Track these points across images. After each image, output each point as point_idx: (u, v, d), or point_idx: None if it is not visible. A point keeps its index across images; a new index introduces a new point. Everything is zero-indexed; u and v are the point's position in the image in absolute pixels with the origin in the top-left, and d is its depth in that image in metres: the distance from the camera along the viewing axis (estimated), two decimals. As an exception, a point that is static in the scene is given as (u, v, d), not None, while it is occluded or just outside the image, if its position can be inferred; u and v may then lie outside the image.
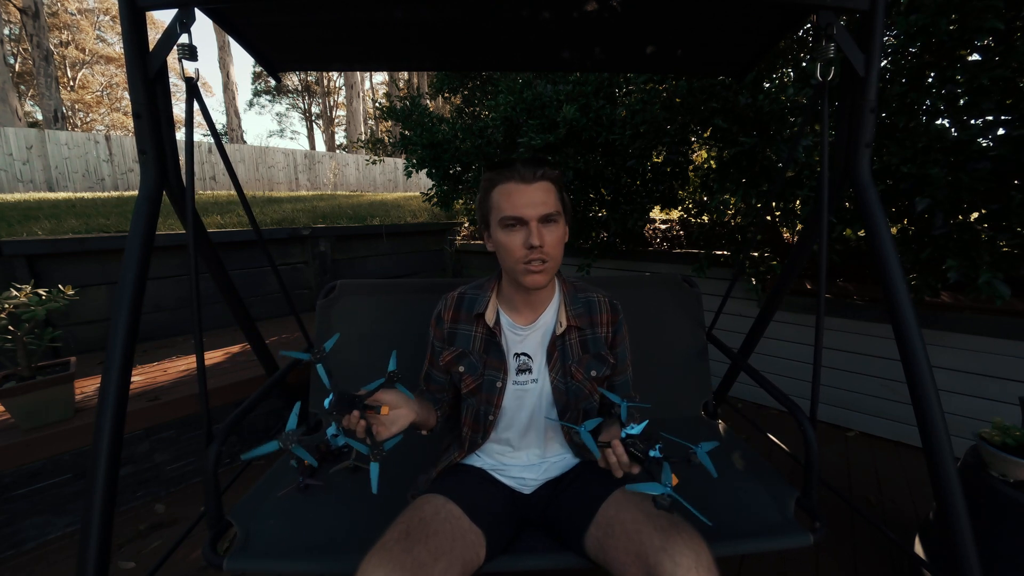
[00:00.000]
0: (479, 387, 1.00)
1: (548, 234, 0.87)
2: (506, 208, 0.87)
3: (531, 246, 0.86)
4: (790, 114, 1.98)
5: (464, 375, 1.01)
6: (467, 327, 1.03)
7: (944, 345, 1.97)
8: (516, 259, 0.89)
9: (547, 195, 0.88)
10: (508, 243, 0.88)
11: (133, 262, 0.93)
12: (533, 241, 0.85)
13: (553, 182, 0.90)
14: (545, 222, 0.87)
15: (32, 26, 9.12)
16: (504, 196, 0.88)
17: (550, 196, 0.88)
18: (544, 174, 0.88)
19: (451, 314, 1.05)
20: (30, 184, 7.96)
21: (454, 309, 1.05)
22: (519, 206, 0.86)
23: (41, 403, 1.59)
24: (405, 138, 3.30)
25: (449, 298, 1.07)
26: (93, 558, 0.81)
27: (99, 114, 21.84)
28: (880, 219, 0.97)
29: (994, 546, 1.11)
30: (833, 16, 0.95)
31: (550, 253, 0.88)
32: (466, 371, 1.01)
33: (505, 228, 0.88)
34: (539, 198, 0.86)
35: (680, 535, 0.73)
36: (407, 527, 0.78)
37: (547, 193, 0.88)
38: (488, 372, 1.00)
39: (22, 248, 2.22)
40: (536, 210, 0.86)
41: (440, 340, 1.05)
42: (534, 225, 0.86)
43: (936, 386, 0.91)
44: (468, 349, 1.02)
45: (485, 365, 1.00)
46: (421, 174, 3.49)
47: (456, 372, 1.02)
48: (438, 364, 1.05)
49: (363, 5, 1.06)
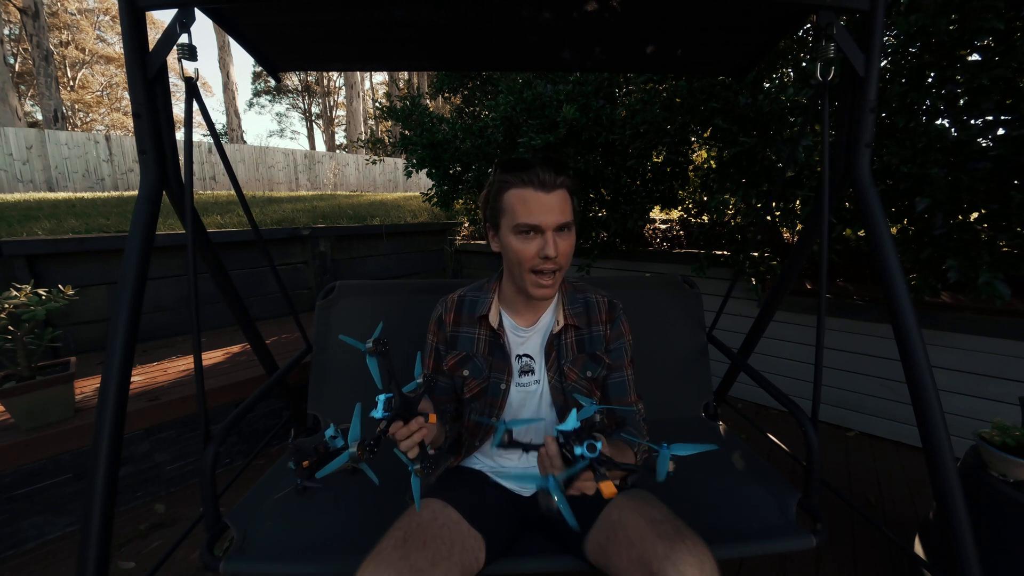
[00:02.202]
0: (483, 391, 0.99)
1: (563, 243, 0.86)
2: (522, 215, 0.84)
3: (546, 256, 0.85)
4: (790, 114, 1.97)
5: (468, 379, 0.99)
6: (469, 330, 1.01)
7: (944, 345, 1.97)
8: (527, 267, 0.88)
9: (564, 203, 0.86)
10: (522, 250, 0.86)
11: (133, 262, 0.93)
12: (549, 252, 0.84)
13: (569, 189, 0.87)
14: (560, 231, 0.86)
15: (32, 26, 9.12)
16: (520, 202, 0.84)
17: (567, 204, 0.86)
18: (563, 182, 0.86)
19: (452, 317, 1.03)
20: (30, 184, 7.96)
21: (455, 312, 1.03)
22: (537, 214, 0.83)
23: (41, 403, 1.59)
24: (405, 138, 3.30)
25: (449, 301, 1.05)
26: (93, 558, 0.81)
27: (99, 114, 21.84)
28: (880, 219, 0.97)
29: (994, 546, 1.11)
30: (833, 16, 0.95)
31: (562, 263, 0.88)
32: (471, 375, 0.99)
33: (519, 235, 0.86)
34: (557, 206, 0.84)
35: (684, 542, 0.72)
36: (404, 533, 0.77)
37: (564, 201, 0.86)
38: (493, 375, 0.99)
39: (22, 248, 2.22)
40: (554, 219, 0.84)
41: (444, 344, 1.03)
42: (550, 235, 0.84)
43: (936, 386, 0.91)
44: (472, 352, 1.00)
45: (491, 368, 0.99)
46: (421, 174, 3.49)
47: (459, 376, 1.01)
48: (443, 369, 1.03)
49: (363, 5, 1.06)
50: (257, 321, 1.48)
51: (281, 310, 3.16)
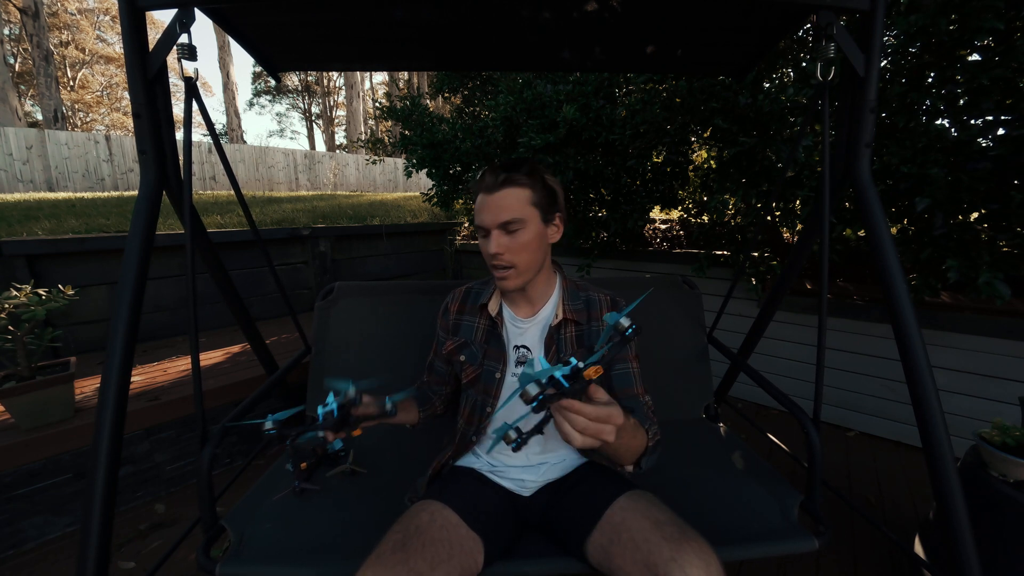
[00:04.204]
0: (478, 377, 1.03)
1: (510, 240, 0.90)
2: (476, 218, 0.93)
3: (490, 253, 0.91)
4: (790, 114, 1.97)
5: (465, 364, 1.05)
6: (471, 318, 1.08)
7: (944, 345, 1.97)
8: (488, 264, 0.95)
9: (511, 201, 0.90)
10: (482, 250, 0.95)
11: (133, 262, 0.92)
12: (490, 249, 0.91)
13: (522, 186, 0.90)
14: (505, 229, 0.90)
15: (32, 26, 9.12)
16: (476, 206, 0.94)
17: (515, 202, 0.90)
18: (507, 180, 0.90)
19: (457, 306, 1.11)
20: (30, 184, 7.96)
21: (460, 301, 1.12)
22: (481, 215, 0.92)
23: (41, 403, 1.59)
24: (405, 138, 3.30)
25: (457, 292, 1.14)
26: (93, 558, 0.81)
27: (99, 114, 21.84)
28: (880, 219, 0.97)
29: (994, 546, 1.11)
30: (833, 16, 0.95)
31: (510, 259, 0.91)
32: (467, 360, 1.05)
33: (479, 236, 0.95)
34: (497, 206, 0.90)
35: (690, 544, 0.71)
36: (403, 536, 0.77)
37: (511, 199, 0.90)
38: (487, 362, 1.03)
39: (22, 248, 2.22)
40: (492, 218, 0.90)
41: (445, 331, 1.11)
42: (493, 234, 0.91)
43: (936, 386, 0.90)
44: (470, 339, 1.06)
45: (485, 355, 1.03)
46: (421, 174, 3.48)
47: (458, 361, 1.07)
48: (441, 353, 1.12)
49: (363, 5, 1.06)
50: (257, 321, 1.48)
51: (281, 310, 3.16)
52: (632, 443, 0.78)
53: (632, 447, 0.79)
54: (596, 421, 0.59)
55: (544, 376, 0.58)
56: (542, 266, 0.99)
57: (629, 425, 0.74)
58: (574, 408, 0.59)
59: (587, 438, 0.60)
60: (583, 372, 0.58)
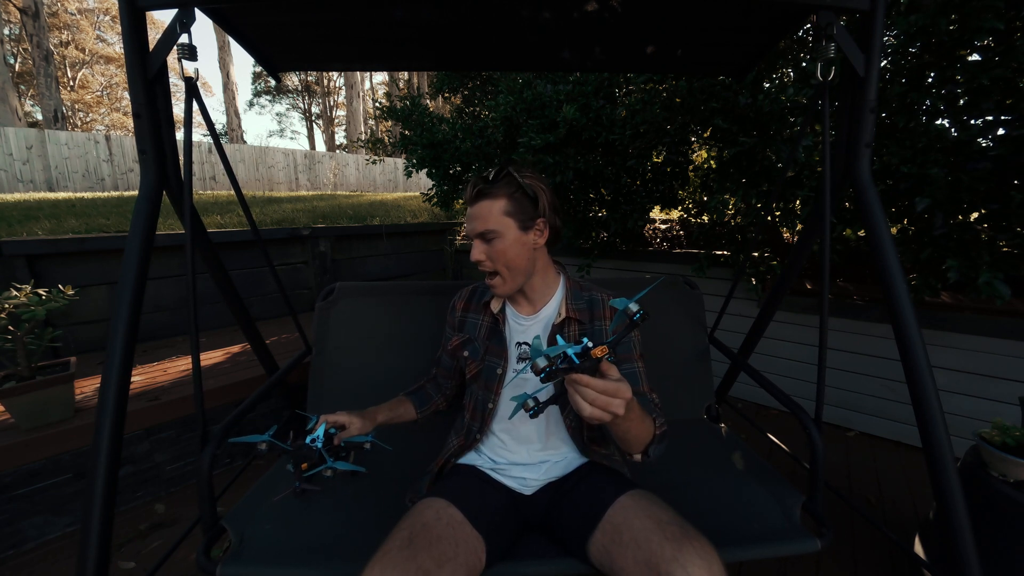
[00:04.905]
0: (480, 372, 1.06)
1: (489, 248, 0.94)
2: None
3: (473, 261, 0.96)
4: (790, 114, 1.97)
5: (468, 360, 1.09)
6: (476, 315, 1.12)
7: (944, 345, 1.97)
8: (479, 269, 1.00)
9: (484, 212, 0.93)
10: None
11: (133, 262, 0.93)
12: (472, 257, 0.96)
13: (494, 198, 0.93)
14: (483, 239, 0.94)
15: (32, 26, 9.12)
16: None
17: (487, 213, 0.93)
18: (479, 193, 0.94)
19: (463, 304, 1.16)
20: (30, 184, 7.96)
21: (466, 299, 1.16)
22: (466, 225, 0.98)
23: (41, 403, 1.59)
24: (405, 138, 3.30)
25: (465, 290, 1.19)
26: (93, 558, 0.81)
27: (99, 114, 21.84)
28: (880, 219, 0.97)
29: (994, 546, 1.11)
30: (833, 16, 0.95)
31: (491, 266, 0.96)
32: (470, 356, 1.08)
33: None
34: (475, 216, 0.95)
35: (692, 544, 0.72)
36: (410, 533, 0.77)
37: (484, 211, 0.93)
38: (489, 359, 1.06)
39: (22, 248, 2.22)
40: (472, 228, 0.96)
41: (451, 327, 1.17)
42: (475, 243, 0.96)
43: (936, 386, 0.90)
44: (474, 336, 1.10)
45: (486, 351, 1.06)
46: (421, 174, 3.49)
47: (462, 357, 1.11)
48: (448, 349, 1.17)
49: (363, 5, 1.06)
50: (257, 321, 1.48)
51: (281, 310, 3.16)
52: (640, 428, 0.81)
53: (640, 433, 0.81)
54: (605, 394, 0.64)
55: (556, 352, 0.65)
56: (533, 269, 1.00)
57: (636, 407, 0.77)
58: (583, 381, 0.64)
59: (596, 409, 0.64)
60: (592, 351, 0.64)
